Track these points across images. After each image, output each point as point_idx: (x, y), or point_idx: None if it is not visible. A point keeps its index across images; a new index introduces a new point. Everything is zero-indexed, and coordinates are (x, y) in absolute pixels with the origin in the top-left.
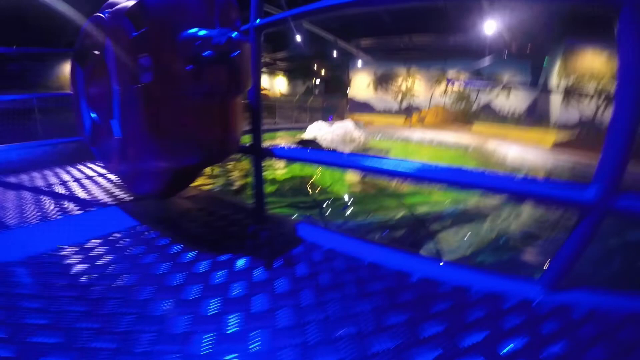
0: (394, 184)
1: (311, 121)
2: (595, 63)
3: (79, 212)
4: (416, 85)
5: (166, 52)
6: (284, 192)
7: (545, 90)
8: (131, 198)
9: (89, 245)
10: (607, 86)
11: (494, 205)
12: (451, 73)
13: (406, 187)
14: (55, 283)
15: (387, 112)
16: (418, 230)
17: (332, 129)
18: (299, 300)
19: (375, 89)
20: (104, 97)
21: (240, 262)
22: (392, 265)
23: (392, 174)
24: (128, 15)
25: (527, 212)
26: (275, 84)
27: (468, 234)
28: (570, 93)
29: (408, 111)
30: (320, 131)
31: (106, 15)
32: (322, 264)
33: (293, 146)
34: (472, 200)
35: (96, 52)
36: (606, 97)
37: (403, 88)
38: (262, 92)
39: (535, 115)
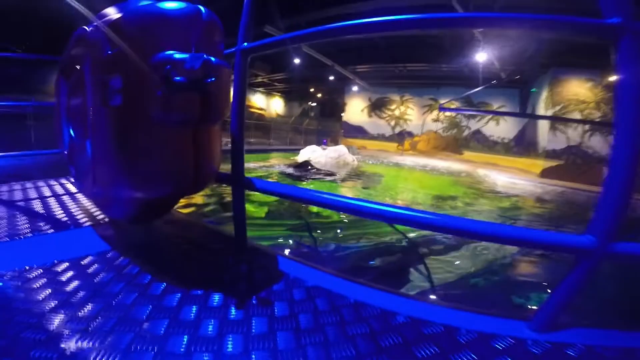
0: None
1: (305, 144)
2: (579, 91)
3: (50, 230)
4: (409, 112)
5: (139, 74)
6: (276, 215)
7: (535, 117)
8: (107, 220)
9: (55, 267)
10: (591, 114)
11: None
12: (443, 100)
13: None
14: (14, 306)
15: (380, 137)
16: (409, 254)
17: (325, 152)
18: (276, 344)
19: (370, 114)
20: (81, 114)
21: (215, 297)
22: (377, 304)
23: (382, 217)
24: (108, 30)
25: None
26: (271, 105)
27: (460, 258)
28: (556, 120)
29: (401, 137)
30: (314, 154)
31: (90, 27)
32: (303, 302)
33: (290, 166)
34: None
35: (77, 66)
36: (590, 124)
37: (397, 114)
38: (259, 112)
39: (523, 143)
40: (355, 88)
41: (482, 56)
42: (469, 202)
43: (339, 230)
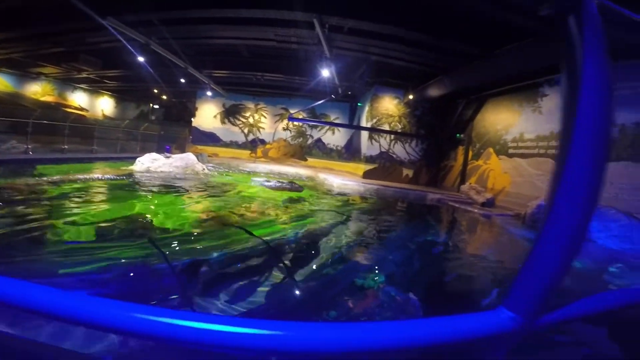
0: (238, 217)
1: (143, 151)
2: (389, 107)
3: None
4: (263, 120)
5: None
6: (107, 236)
7: (358, 129)
8: None
9: None
10: (396, 126)
11: (327, 226)
12: (294, 110)
13: (252, 219)
14: None
15: (233, 144)
16: (270, 256)
17: (169, 161)
18: None
19: (223, 120)
20: None
21: None
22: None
23: None
24: None
25: (354, 227)
26: (97, 105)
27: (312, 254)
28: (373, 131)
29: (254, 144)
30: (155, 163)
31: None
32: None
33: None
34: (311, 225)
35: None
36: (395, 134)
37: (251, 121)
38: (77, 112)
39: (351, 150)
40: (209, 93)
41: (326, 72)
42: (314, 203)
43: (193, 243)
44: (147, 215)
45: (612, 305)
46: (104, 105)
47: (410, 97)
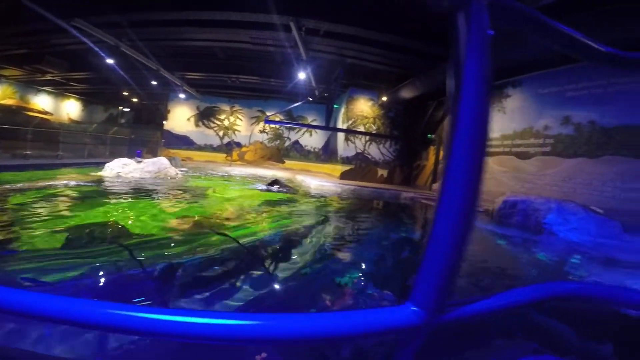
0: (216, 220)
1: (113, 156)
2: (364, 109)
3: None
4: (238, 122)
5: None
6: (78, 243)
7: (334, 130)
8: None
9: None
10: (370, 127)
11: (306, 226)
12: (270, 112)
13: (228, 222)
14: None
15: (208, 147)
16: (247, 258)
17: (141, 166)
18: None
19: (197, 123)
20: None
21: None
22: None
23: None
24: None
25: (331, 227)
26: (62, 108)
27: (291, 254)
28: (349, 133)
29: (229, 147)
30: (126, 168)
31: None
32: None
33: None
34: (289, 226)
35: None
36: (370, 135)
37: (226, 124)
38: (40, 116)
39: (328, 151)
40: (182, 95)
41: (302, 74)
42: (292, 205)
43: (167, 248)
44: (119, 222)
45: (522, 301)
46: (70, 109)
47: (384, 99)
